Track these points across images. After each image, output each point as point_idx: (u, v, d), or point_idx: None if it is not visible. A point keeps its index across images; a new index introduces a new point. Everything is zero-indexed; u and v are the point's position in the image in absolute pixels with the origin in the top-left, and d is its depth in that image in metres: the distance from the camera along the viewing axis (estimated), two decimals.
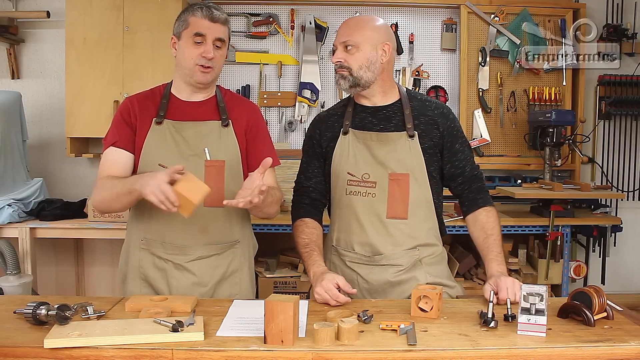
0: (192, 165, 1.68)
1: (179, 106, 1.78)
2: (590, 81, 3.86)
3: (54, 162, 3.81)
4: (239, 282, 1.84)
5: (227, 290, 1.81)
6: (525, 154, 3.77)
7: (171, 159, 1.69)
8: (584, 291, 1.43)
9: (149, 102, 1.78)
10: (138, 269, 1.78)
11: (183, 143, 1.74)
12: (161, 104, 1.77)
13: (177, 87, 1.80)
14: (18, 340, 1.27)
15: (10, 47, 3.71)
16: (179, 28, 1.73)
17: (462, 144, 1.81)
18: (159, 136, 1.73)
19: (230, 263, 1.81)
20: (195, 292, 1.73)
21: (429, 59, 3.82)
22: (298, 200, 1.89)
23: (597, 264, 3.73)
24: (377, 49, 1.72)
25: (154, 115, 1.75)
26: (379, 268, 1.75)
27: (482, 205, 1.79)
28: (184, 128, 1.75)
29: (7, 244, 2.92)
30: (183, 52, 1.72)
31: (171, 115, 1.76)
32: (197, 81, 1.73)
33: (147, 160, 1.72)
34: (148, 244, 1.77)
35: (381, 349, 1.25)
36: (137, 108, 1.76)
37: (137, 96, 1.81)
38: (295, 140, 3.84)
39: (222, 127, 1.77)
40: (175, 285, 1.74)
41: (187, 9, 1.75)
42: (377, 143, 1.76)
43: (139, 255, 1.78)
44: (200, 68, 1.70)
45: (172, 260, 1.75)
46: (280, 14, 3.80)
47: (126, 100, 1.81)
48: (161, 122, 1.74)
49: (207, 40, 1.69)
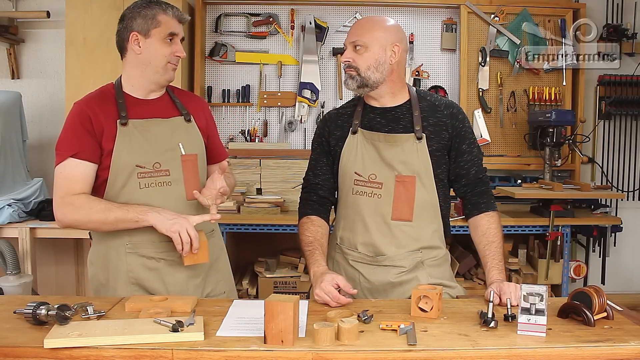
0: (168, 160, 1.72)
1: (137, 105, 1.74)
2: (590, 81, 3.86)
3: (53, 162, 3.79)
4: (222, 267, 1.90)
5: (213, 277, 1.85)
6: (525, 154, 3.77)
7: (147, 157, 1.70)
8: (584, 291, 1.43)
9: (106, 103, 1.70)
10: (126, 274, 1.72)
11: (154, 140, 1.72)
12: (119, 104, 1.71)
13: (132, 85, 1.75)
14: (18, 340, 1.27)
15: (10, 47, 3.71)
16: (145, 25, 1.67)
17: (470, 145, 1.80)
18: (129, 136, 1.69)
19: (213, 251, 1.81)
20: (190, 285, 1.75)
21: (429, 59, 3.82)
22: (306, 197, 1.88)
23: (597, 264, 3.73)
24: (386, 50, 1.72)
25: (115, 117, 1.69)
26: (382, 268, 1.75)
27: (485, 210, 1.78)
28: (150, 125, 1.73)
29: (7, 244, 2.92)
30: (154, 50, 1.69)
31: (133, 115, 1.71)
32: (168, 79, 1.75)
33: (122, 162, 1.68)
34: (135, 247, 1.72)
35: (381, 349, 1.25)
36: (98, 112, 1.68)
37: (91, 100, 1.72)
38: (295, 140, 3.84)
39: (185, 122, 1.79)
40: (171, 282, 1.74)
41: (150, 4, 1.69)
42: (384, 144, 1.75)
43: (125, 260, 1.72)
44: (171, 66, 1.72)
45: (165, 258, 1.73)
46: (280, 14, 3.80)
47: (80, 105, 1.70)
48: (126, 123, 1.69)
49: (177, 40, 1.72)
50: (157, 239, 1.71)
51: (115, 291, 1.73)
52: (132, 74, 1.74)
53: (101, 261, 1.76)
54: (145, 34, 1.69)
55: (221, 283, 1.88)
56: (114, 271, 1.74)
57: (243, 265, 3.66)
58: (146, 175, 1.70)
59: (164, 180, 1.72)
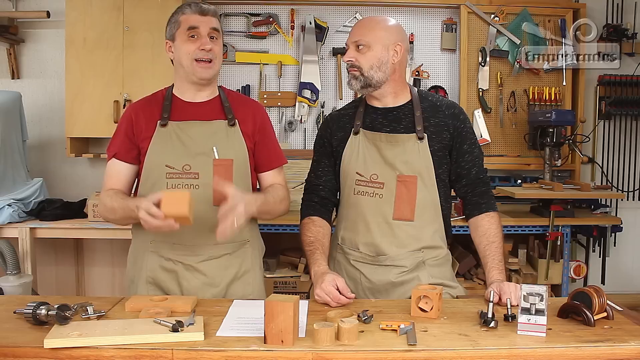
0: (199, 163, 1.71)
1: (182, 107, 1.78)
2: (590, 81, 3.86)
3: (54, 162, 3.81)
4: (252, 282, 1.83)
5: (240, 290, 1.79)
6: (525, 154, 3.77)
7: (178, 159, 1.71)
8: (584, 291, 1.43)
9: (152, 106, 1.78)
10: (146, 273, 1.76)
11: (190, 142, 1.73)
12: (164, 106, 1.77)
13: (179, 88, 1.80)
14: (18, 340, 1.27)
15: (10, 47, 3.71)
16: (171, 30, 1.75)
17: (471, 146, 1.80)
18: (165, 138, 1.73)
19: (242, 263, 1.81)
20: (207, 293, 1.73)
21: (429, 59, 3.82)
22: (307, 199, 1.89)
23: (597, 264, 3.73)
24: (389, 49, 1.72)
25: (158, 118, 1.75)
26: (383, 268, 1.75)
27: (485, 211, 1.78)
28: (189, 127, 1.75)
29: (7, 244, 2.92)
30: (180, 51, 1.72)
31: (175, 117, 1.76)
32: (199, 77, 1.73)
33: (154, 162, 1.72)
34: (156, 246, 1.75)
35: (381, 349, 1.25)
36: (140, 115, 1.76)
37: (140, 103, 1.82)
38: (295, 140, 3.84)
39: (228, 126, 1.77)
40: (186, 287, 1.74)
41: (175, 11, 1.77)
42: (386, 144, 1.76)
43: (146, 258, 1.76)
44: (199, 63, 1.71)
45: (182, 262, 1.74)
46: (280, 14, 3.79)
47: (129, 108, 1.81)
48: (166, 125, 1.74)
49: (201, 34, 1.71)
50: (176, 240, 1.72)
51: (137, 288, 1.77)
52: (176, 78, 1.81)
53: (132, 256, 1.83)
54: (172, 38, 1.75)
55: (250, 297, 1.77)
56: (139, 268, 1.78)
57: None
58: (174, 176, 1.71)
59: (191, 182, 1.71)
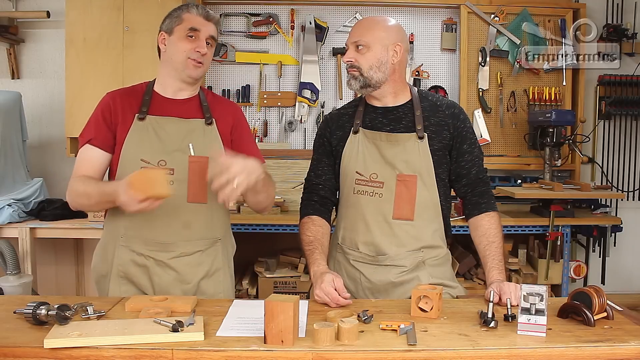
0: (175, 160, 1.72)
1: (161, 103, 1.78)
2: (590, 81, 3.86)
3: (54, 162, 3.81)
4: (222, 280, 1.84)
5: (210, 288, 1.80)
6: (525, 154, 3.77)
7: (154, 154, 1.72)
8: (584, 291, 1.43)
9: (131, 98, 1.78)
10: (117, 267, 1.75)
11: (166, 138, 1.74)
12: (143, 100, 1.77)
13: (162, 84, 1.80)
14: (18, 340, 1.27)
15: (10, 47, 3.71)
16: (170, 24, 1.75)
17: (471, 145, 1.80)
18: (141, 131, 1.73)
19: (214, 261, 1.81)
20: (177, 289, 1.74)
21: (429, 59, 3.82)
22: (307, 198, 1.89)
23: (597, 264, 3.73)
24: (388, 50, 1.72)
25: (136, 111, 1.75)
26: (383, 268, 1.75)
27: (485, 210, 1.78)
28: (167, 123, 1.75)
29: (7, 244, 2.92)
30: (175, 46, 1.73)
31: (154, 111, 1.76)
32: (189, 75, 1.74)
33: (129, 155, 1.72)
34: (127, 240, 1.75)
35: (381, 349, 1.25)
36: (118, 104, 1.75)
37: (119, 92, 1.81)
38: (295, 140, 3.84)
39: (205, 125, 1.78)
40: (157, 282, 1.74)
41: (180, 7, 1.77)
42: (386, 143, 1.76)
43: (117, 253, 1.76)
44: (192, 62, 1.72)
45: (154, 257, 1.74)
46: (280, 14, 3.80)
47: (107, 96, 1.79)
48: (144, 118, 1.74)
49: (200, 37, 1.73)
50: (148, 236, 1.73)
51: (108, 282, 1.76)
52: (161, 72, 1.81)
53: (101, 251, 1.81)
54: (170, 32, 1.75)
55: (220, 295, 1.81)
56: (109, 263, 1.77)
57: (243, 265, 3.65)
58: None
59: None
